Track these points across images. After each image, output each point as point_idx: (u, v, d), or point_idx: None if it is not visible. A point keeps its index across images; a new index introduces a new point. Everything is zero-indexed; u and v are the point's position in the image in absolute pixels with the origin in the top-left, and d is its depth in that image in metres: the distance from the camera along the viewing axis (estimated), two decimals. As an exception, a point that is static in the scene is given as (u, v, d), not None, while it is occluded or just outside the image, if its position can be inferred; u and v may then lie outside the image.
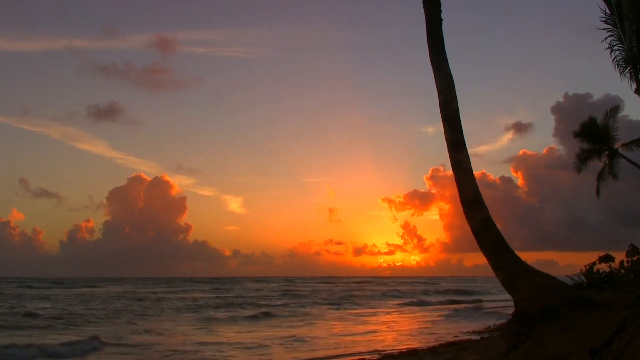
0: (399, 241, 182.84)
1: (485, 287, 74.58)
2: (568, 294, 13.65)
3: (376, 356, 15.79)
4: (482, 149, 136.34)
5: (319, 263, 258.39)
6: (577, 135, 23.21)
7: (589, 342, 7.66)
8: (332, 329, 26.44)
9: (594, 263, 18.02)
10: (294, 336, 22.64)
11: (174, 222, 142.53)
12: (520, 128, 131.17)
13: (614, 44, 15.86)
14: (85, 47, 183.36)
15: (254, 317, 31.87)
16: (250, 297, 52.73)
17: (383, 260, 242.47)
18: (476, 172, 15.56)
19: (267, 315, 33.09)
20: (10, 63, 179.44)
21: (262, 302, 44.38)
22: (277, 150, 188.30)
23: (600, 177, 23.03)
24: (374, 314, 36.11)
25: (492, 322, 24.39)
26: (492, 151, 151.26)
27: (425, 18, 15.46)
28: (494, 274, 15.13)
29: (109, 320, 29.38)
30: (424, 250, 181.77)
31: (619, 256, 17.88)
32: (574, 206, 75.17)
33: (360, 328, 26.80)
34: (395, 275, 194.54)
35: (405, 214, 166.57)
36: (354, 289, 75.39)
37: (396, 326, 27.71)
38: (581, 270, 18.27)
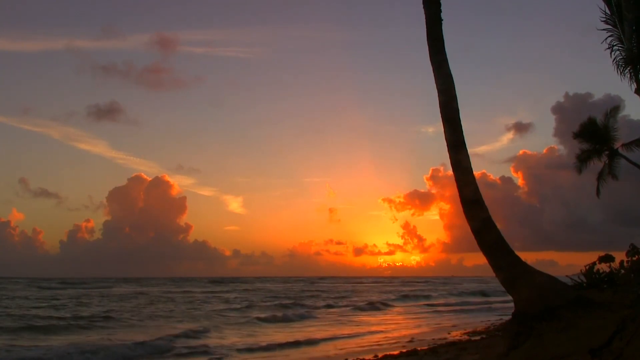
0: (399, 241, 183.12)
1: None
2: (568, 294, 13.65)
3: (376, 356, 15.78)
4: (482, 149, 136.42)
5: (319, 263, 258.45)
6: (576, 136, 23.21)
7: (589, 342, 7.66)
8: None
9: (594, 263, 18.04)
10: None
11: (174, 222, 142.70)
12: (520, 128, 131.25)
13: (614, 44, 15.89)
14: (85, 46, 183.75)
15: (300, 317, 31.93)
16: (294, 297, 51.66)
17: (383, 260, 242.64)
18: (476, 172, 15.57)
19: (311, 315, 33.08)
20: (10, 63, 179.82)
21: (307, 303, 43.54)
22: (277, 150, 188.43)
23: (600, 177, 23.03)
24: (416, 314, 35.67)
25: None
26: (492, 151, 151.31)
27: (425, 18, 15.48)
28: (494, 274, 15.15)
29: (188, 319, 28.98)
30: (424, 250, 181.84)
31: (619, 256, 17.92)
32: (574, 206, 75.35)
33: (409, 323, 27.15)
34: (399, 275, 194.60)
35: (406, 214, 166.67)
36: (373, 289, 74.74)
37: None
38: (581, 270, 18.30)
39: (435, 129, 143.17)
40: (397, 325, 27.43)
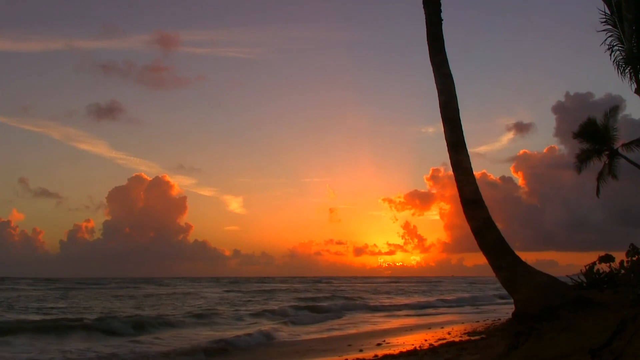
0: (399, 241, 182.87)
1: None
2: (568, 294, 13.69)
3: (376, 356, 15.78)
4: (482, 148, 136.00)
5: (319, 263, 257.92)
6: (576, 136, 23.20)
7: (589, 342, 7.66)
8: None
9: (594, 263, 18.02)
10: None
11: (174, 222, 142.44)
12: (521, 128, 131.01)
13: (614, 44, 15.92)
14: (85, 46, 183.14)
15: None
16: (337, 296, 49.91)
17: (383, 261, 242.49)
18: (476, 172, 15.63)
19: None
20: (10, 63, 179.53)
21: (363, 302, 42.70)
22: (277, 150, 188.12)
23: (600, 177, 23.02)
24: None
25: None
26: (492, 151, 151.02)
27: (425, 18, 15.52)
28: (495, 274, 15.16)
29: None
30: (425, 250, 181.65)
31: (619, 256, 17.89)
32: (574, 206, 75.32)
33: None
34: (401, 275, 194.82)
35: (406, 214, 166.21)
36: (396, 289, 73.55)
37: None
38: (581, 270, 18.26)
39: (435, 129, 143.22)
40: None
